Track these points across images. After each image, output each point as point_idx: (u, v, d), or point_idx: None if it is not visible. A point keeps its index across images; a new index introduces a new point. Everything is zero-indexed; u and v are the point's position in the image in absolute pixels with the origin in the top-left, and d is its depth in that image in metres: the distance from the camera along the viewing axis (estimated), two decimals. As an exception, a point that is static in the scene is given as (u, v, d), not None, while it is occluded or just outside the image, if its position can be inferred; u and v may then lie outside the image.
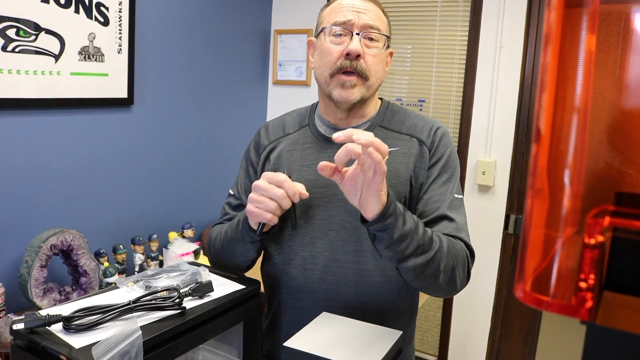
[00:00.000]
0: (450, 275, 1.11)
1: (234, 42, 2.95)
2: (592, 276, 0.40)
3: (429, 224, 1.19)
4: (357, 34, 1.17)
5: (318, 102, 1.37)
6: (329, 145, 1.26)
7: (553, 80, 0.44)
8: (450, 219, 1.18)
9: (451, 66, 2.67)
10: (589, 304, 0.39)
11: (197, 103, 2.76)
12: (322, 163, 1.00)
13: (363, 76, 1.18)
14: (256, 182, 1.10)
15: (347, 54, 1.16)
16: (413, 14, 2.74)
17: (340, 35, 1.18)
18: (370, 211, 1.00)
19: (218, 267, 1.29)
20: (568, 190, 0.43)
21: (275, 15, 3.20)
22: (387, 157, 0.97)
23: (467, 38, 2.60)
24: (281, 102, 3.23)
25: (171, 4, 2.54)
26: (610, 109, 0.48)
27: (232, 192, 1.40)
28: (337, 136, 0.94)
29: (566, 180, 0.43)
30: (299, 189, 1.10)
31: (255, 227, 1.15)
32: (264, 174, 1.11)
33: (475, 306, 2.65)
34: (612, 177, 0.46)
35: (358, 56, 1.16)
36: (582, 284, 0.40)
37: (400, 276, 1.16)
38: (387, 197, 1.01)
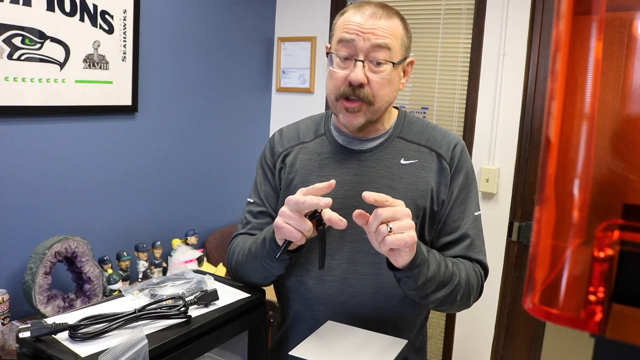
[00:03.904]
0: (465, 301, 1.17)
1: (237, 50, 2.96)
2: (601, 289, 0.40)
3: (450, 244, 1.22)
4: (361, 60, 1.12)
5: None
6: (347, 156, 1.25)
7: (562, 88, 0.44)
8: (471, 241, 1.22)
9: (454, 74, 2.67)
10: (599, 316, 0.39)
11: (201, 110, 2.77)
12: (358, 212, 1.01)
13: (367, 102, 1.15)
14: (290, 196, 1.03)
15: (350, 81, 1.13)
16: (416, 22, 2.75)
17: (346, 59, 1.14)
18: (400, 262, 1.02)
19: (237, 280, 1.26)
20: (576, 199, 0.43)
21: (278, 23, 3.21)
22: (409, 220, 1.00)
23: (470, 46, 2.60)
24: (285, 110, 3.23)
25: (175, 12, 2.55)
26: (613, 116, 0.48)
27: (251, 200, 1.35)
28: (368, 196, 0.98)
29: (575, 189, 0.43)
30: (335, 215, 1.02)
31: (280, 242, 1.08)
32: (299, 189, 1.04)
33: (478, 314, 2.64)
34: (615, 184, 0.46)
35: (361, 84, 1.13)
36: (592, 297, 0.40)
37: None
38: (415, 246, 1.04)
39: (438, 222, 1.23)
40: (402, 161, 1.22)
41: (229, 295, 1.10)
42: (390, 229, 0.97)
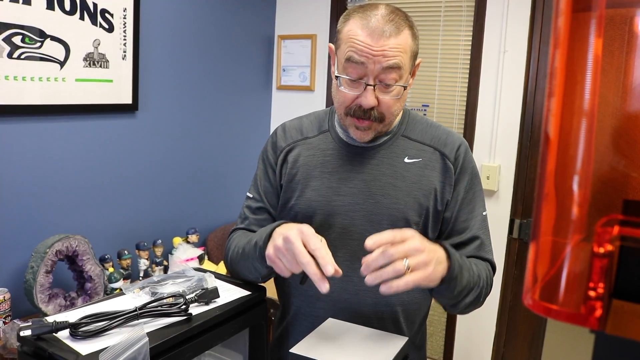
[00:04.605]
0: (483, 300, 1.20)
1: (238, 48, 2.96)
2: (601, 285, 0.40)
3: (461, 245, 1.22)
4: (372, 85, 1.09)
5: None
6: (350, 152, 1.24)
7: (561, 85, 0.43)
8: (481, 241, 1.23)
9: (455, 71, 2.67)
10: (599, 312, 0.39)
11: (201, 109, 2.77)
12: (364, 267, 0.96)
13: (378, 120, 1.14)
14: (289, 235, 0.99)
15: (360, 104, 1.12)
16: (416, 19, 2.73)
17: (354, 80, 1.11)
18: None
19: (233, 275, 1.26)
20: (576, 195, 0.43)
21: (278, 21, 3.21)
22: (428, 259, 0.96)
23: (470, 43, 2.60)
24: (285, 107, 3.23)
25: (175, 10, 2.55)
26: (614, 113, 0.48)
27: (250, 195, 1.34)
28: (371, 243, 0.94)
29: (575, 185, 0.43)
30: (334, 265, 0.96)
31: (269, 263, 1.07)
32: (300, 229, 1.00)
33: (479, 311, 2.63)
34: (616, 181, 0.46)
35: (372, 107, 1.11)
36: (592, 293, 0.40)
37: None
38: (448, 259, 1.03)
39: (447, 224, 1.23)
40: (406, 160, 1.22)
41: (229, 293, 1.10)
42: (408, 266, 0.93)
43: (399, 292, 0.93)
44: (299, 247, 0.97)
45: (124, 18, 2.25)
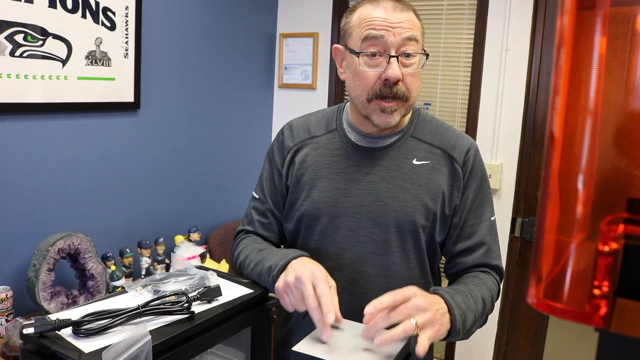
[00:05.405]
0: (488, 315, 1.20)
1: (239, 46, 2.96)
2: (605, 283, 0.40)
3: (467, 251, 1.21)
4: (395, 56, 1.08)
5: (344, 106, 1.31)
6: (358, 153, 1.22)
7: (566, 83, 0.43)
8: (487, 247, 1.22)
9: (457, 69, 2.66)
10: (603, 311, 0.39)
11: (203, 107, 2.77)
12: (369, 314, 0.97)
13: (403, 99, 1.12)
14: (302, 276, 1.01)
15: (386, 79, 1.09)
16: (418, 17, 2.74)
17: (375, 55, 1.10)
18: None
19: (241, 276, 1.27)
20: (581, 194, 0.43)
21: (280, 19, 3.20)
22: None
23: (472, 41, 2.59)
24: (287, 106, 3.23)
25: (177, 8, 2.55)
26: (616, 111, 0.48)
27: (257, 196, 1.32)
28: (370, 311, 0.96)
29: (579, 184, 0.43)
30: (335, 313, 0.98)
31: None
32: (313, 272, 1.02)
33: (481, 310, 2.64)
34: (619, 180, 0.46)
35: (397, 80, 1.10)
36: (596, 291, 0.40)
37: (426, 289, 1.13)
38: (449, 312, 1.03)
39: (454, 229, 1.22)
40: (415, 162, 1.20)
41: (232, 291, 1.10)
42: (416, 323, 0.94)
43: (421, 355, 0.94)
44: (309, 290, 0.99)
45: (126, 16, 2.25)
